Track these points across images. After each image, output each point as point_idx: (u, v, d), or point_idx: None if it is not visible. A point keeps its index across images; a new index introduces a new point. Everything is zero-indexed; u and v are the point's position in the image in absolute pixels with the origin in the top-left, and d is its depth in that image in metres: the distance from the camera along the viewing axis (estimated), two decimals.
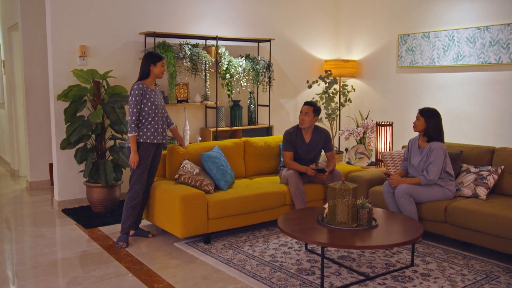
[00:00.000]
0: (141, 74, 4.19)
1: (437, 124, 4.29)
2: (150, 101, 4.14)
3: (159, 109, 4.21)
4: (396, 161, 4.89)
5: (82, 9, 5.30)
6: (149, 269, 3.69)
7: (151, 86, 4.24)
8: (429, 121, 4.28)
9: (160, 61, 4.20)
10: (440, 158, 4.17)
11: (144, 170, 4.18)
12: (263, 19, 6.63)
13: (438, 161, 4.16)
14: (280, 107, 6.92)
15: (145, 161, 4.17)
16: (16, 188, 6.60)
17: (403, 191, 4.13)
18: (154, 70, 4.18)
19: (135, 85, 4.13)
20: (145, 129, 4.14)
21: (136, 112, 4.09)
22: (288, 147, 4.82)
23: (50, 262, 3.88)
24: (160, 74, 4.22)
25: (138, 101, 4.09)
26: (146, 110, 4.13)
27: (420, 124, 4.31)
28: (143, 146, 4.15)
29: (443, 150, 4.21)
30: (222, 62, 5.95)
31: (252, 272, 3.58)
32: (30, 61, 6.28)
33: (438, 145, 4.22)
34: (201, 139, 6.13)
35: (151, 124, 4.15)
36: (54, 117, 5.33)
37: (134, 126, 4.09)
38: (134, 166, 4.12)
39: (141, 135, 4.14)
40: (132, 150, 4.10)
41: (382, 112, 6.73)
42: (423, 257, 3.90)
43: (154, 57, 4.20)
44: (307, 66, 7.12)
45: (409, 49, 6.31)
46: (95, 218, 4.98)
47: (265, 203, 4.49)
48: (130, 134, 4.09)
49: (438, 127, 4.30)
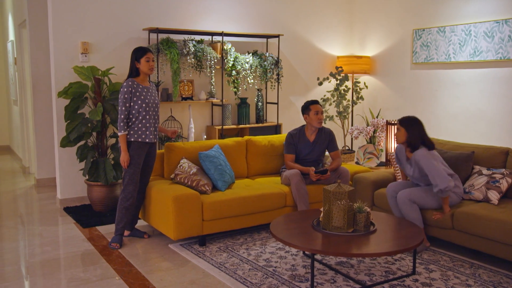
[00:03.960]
0: (129, 71, 4.08)
1: (419, 132, 3.97)
2: (140, 99, 4.01)
3: (151, 107, 4.08)
4: None
5: (84, 5, 5.23)
6: (138, 271, 3.57)
7: (143, 83, 4.10)
8: (410, 130, 3.99)
9: (143, 56, 4.03)
10: (432, 164, 3.82)
11: (136, 170, 4.07)
12: (271, 14, 6.45)
13: (433, 168, 3.80)
14: (289, 105, 6.72)
15: (137, 161, 4.05)
16: (25, 185, 6.61)
17: (404, 197, 3.89)
18: (139, 67, 4.05)
19: (125, 82, 4.02)
20: (136, 128, 4.02)
21: (125, 110, 3.97)
22: (290, 149, 4.69)
23: (38, 262, 3.81)
24: (148, 71, 4.06)
25: (127, 98, 3.98)
26: (136, 108, 4.00)
27: (402, 135, 4.02)
28: (133, 145, 4.03)
29: (428, 157, 3.85)
30: (228, 59, 5.80)
31: (243, 278, 3.43)
32: (37, 58, 6.26)
33: (420, 155, 3.87)
34: (207, 137, 5.99)
35: (142, 122, 4.03)
36: (56, 114, 5.28)
37: (123, 124, 3.98)
38: (125, 165, 4.01)
39: (131, 134, 4.02)
40: (122, 150, 3.99)
41: (394, 110, 6.46)
42: (427, 264, 3.67)
43: (137, 53, 4.04)
44: (318, 62, 6.90)
45: (424, 44, 6.02)
46: (94, 217, 4.90)
47: (264, 204, 4.32)
48: (120, 133, 3.98)
49: (420, 135, 3.97)
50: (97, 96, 5.04)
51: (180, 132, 5.70)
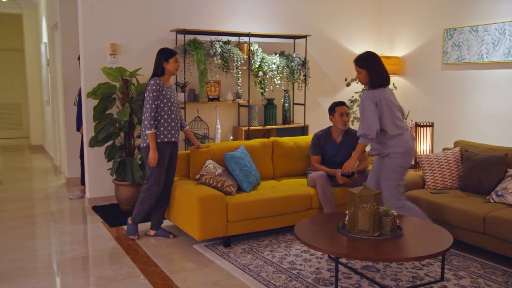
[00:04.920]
0: (155, 71, 4.12)
1: (379, 68, 3.81)
2: (166, 98, 4.06)
3: (175, 106, 4.13)
4: (433, 165, 4.54)
5: (113, 8, 5.30)
6: (162, 271, 3.59)
7: (167, 83, 4.16)
8: (371, 69, 3.79)
9: (173, 57, 4.10)
10: (366, 108, 3.68)
11: (161, 171, 4.10)
12: (299, 15, 6.40)
13: (365, 112, 3.69)
14: (317, 106, 6.66)
15: (162, 161, 4.09)
16: (56, 184, 6.75)
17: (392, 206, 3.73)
18: (167, 66, 4.09)
19: (152, 80, 4.07)
20: (162, 128, 4.06)
21: (155, 108, 4.01)
22: (316, 151, 4.65)
23: (66, 260, 3.88)
24: (174, 71, 4.13)
25: (156, 96, 4.02)
26: (162, 106, 4.04)
27: (363, 77, 3.83)
28: (160, 146, 4.06)
29: (367, 100, 3.68)
30: (255, 59, 5.79)
31: (266, 280, 3.40)
32: (68, 60, 6.39)
33: (363, 95, 3.77)
34: (233, 138, 5.99)
35: (167, 122, 4.07)
36: (85, 114, 5.37)
37: (153, 122, 4.01)
38: (154, 164, 4.04)
39: (157, 134, 4.06)
40: (151, 148, 4.03)
41: (424, 112, 6.32)
42: (456, 271, 3.56)
43: (166, 54, 4.10)
44: (346, 63, 6.81)
45: (455, 44, 5.87)
46: (121, 216, 4.96)
47: (289, 206, 4.28)
48: (149, 131, 4.01)
49: (380, 70, 3.80)
50: (125, 97, 5.10)
51: (207, 133, 5.72)
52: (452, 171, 4.50)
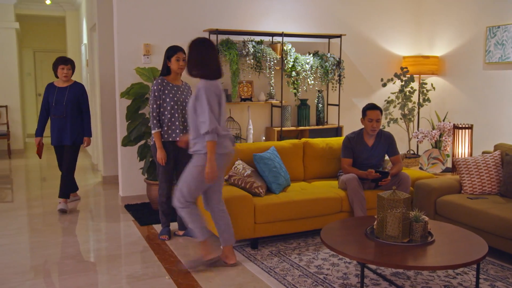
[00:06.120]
0: (161, 70, 4.16)
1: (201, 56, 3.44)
2: (169, 97, 4.07)
3: (179, 105, 4.13)
4: (471, 169, 4.34)
5: (147, 9, 5.36)
6: (188, 272, 3.58)
7: (174, 81, 4.16)
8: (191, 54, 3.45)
9: (174, 55, 4.08)
10: (207, 100, 3.28)
11: (166, 168, 4.16)
12: (334, 14, 6.29)
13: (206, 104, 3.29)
14: (352, 107, 6.53)
15: (167, 160, 4.14)
16: (93, 182, 6.90)
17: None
18: (170, 65, 4.10)
19: (155, 80, 4.11)
20: (166, 127, 4.11)
21: (156, 108, 4.05)
22: (347, 153, 4.53)
23: (95, 257, 3.95)
24: (178, 70, 4.11)
25: (157, 96, 4.06)
26: (165, 106, 4.07)
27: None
28: (163, 144, 4.11)
29: (207, 91, 3.30)
30: (288, 60, 5.72)
31: (291, 284, 3.34)
32: (105, 61, 6.52)
33: (199, 85, 3.38)
34: (266, 139, 5.95)
35: (171, 121, 4.10)
36: (119, 114, 5.46)
37: (156, 122, 4.07)
38: (163, 162, 4.09)
39: (162, 133, 4.10)
40: (158, 147, 4.09)
41: (463, 113, 6.07)
42: (492, 281, 3.38)
43: (169, 52, 4.11)
44: (382, 63, 6.65)
45: (498, 42, 5.61)
46: (152, 215, 5.01)
47: (319, 209, 4.20)
48: (154, 130, 4.07)
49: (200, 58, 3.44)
50: None
51: (239, 133, 5.70)
52: (491, 176, 4.29)
